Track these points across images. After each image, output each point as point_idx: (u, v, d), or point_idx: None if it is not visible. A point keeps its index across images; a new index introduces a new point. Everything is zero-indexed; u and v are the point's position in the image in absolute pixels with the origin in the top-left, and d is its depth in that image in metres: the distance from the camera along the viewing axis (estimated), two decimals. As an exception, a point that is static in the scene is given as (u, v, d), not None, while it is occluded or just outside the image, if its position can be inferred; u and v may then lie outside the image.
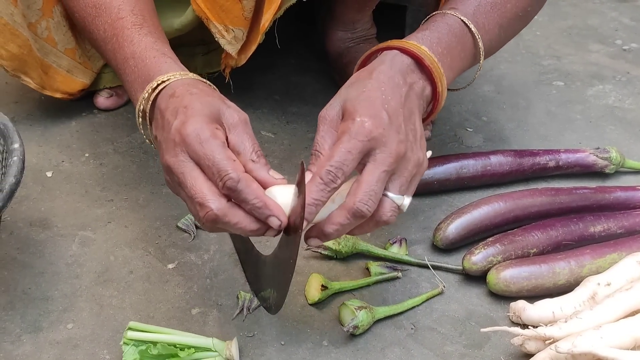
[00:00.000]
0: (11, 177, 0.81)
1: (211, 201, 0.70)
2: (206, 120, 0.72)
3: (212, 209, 0.70)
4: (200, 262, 0.97)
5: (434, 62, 0.82)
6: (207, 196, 0.70)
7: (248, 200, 0.70)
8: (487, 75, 1.38)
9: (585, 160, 1.10)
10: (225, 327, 0.88)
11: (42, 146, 1.16)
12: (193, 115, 0.72)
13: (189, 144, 0.71)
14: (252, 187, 0.71)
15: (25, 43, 1.09)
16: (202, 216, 0.71)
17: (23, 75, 1.13)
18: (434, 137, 1.20)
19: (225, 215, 0.71)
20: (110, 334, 0.87)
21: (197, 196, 0.71)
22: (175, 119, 0.73)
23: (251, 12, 1.00)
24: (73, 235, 1.00)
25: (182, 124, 0.72)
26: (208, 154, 0.70)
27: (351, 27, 1.24)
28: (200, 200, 0.71)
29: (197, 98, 0.75)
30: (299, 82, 1.33)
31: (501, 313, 0.91)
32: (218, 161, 0.70)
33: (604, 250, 0.92)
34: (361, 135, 0.73)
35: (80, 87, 1.20)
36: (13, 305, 0.90)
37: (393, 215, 0.77)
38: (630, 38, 1.52)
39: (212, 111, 0.74)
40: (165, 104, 0.76)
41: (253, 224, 0.72)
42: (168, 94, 0.77)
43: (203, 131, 0.71)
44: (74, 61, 1.17)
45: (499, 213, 0.99)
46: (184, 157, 0.72)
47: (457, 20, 0.87)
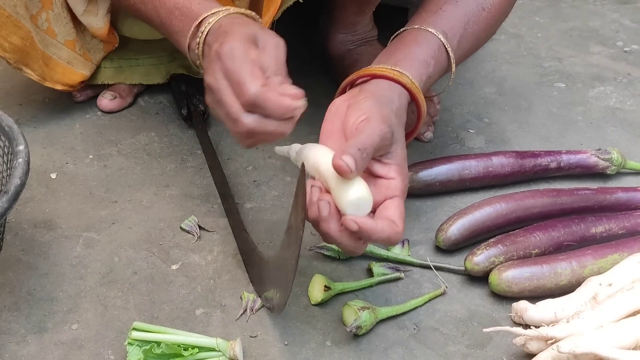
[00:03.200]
0: (16, 178, 0.81)
1: (244, 116, 0.74)
2: (242, 39, 0.77)
3: (245, 123, 0.74)
4: (204, 263, 0.97)
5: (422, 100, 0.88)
6: (239, 111, 0.74)
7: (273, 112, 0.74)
8: (489, 77, 1.38)
9: (587, 162, 1.10)
10: (229, 328, 0.88)
11: (46, 148, 1.16)
12: (231, 36, 0.78)
13: (223, 60, 0.76)
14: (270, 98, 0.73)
15: (27, 35, 1.09)
16: (238, 131, 0.75)
17: (25, 67, 1.13)
18: (435, 139, 1.20)
19: (260, 126, 0.74)
20: (115, 335, 0.87)
21: (232, 112, 0.75)
22: (216, 42, 0.79)
23: None
24: (77, 236, 1.01)
25: (220, 44, 0.77)
26: (235, 70, 0.75)
27: (352, 29, 1.25)
28: (234, 116, 0.75)
29: (238, 25, 0.80)
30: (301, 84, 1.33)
31: (503, 313, 0.91)
32: (241, 77, 0.74)
33: (606, 250, 0.93)
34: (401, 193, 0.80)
35: (80, 78, 1.19)
36: (18, 306, 0.90)
37: None
38: (631, 39, 1.52)
39: (248, 32, 0.79)
40: (213, 37, 0.82)
41: (287, 125, 0.75)
42: (215, 28, 0.82)
43: (237, 49, 0.76)
44: (74, 53, 1.17)
45: (500, 214, 0.99)
46: (219, 76, 0.77)
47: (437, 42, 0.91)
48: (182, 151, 1.17)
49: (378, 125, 0.77)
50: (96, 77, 1.23)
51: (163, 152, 1.16)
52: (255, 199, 1.08)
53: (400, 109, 0.84)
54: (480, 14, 0.95)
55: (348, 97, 0.85)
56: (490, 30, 1.00)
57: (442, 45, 0.91)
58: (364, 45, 1.26)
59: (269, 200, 1.07)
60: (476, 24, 0.95)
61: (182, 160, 1.15)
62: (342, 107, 0.83)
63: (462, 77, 1.36)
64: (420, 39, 0.91)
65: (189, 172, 1.12)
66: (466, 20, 0.94)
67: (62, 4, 1.12)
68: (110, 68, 1.24)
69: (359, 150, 0.74)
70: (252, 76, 0.74)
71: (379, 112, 0.79)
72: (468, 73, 1.38)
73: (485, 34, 0.99)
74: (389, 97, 0.83)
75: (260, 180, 1.11)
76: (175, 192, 1.09)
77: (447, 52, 0.91)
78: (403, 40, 0.92)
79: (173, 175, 1.12)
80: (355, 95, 0.84)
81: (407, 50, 0.90)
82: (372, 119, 0.78)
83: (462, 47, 0.95)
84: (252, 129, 0.74)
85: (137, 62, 1.24)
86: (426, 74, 0.89)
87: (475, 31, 0.95)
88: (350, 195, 0.73)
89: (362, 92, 0.84)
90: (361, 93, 0.83)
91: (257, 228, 1.02)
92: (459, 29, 0.93)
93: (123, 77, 1.24)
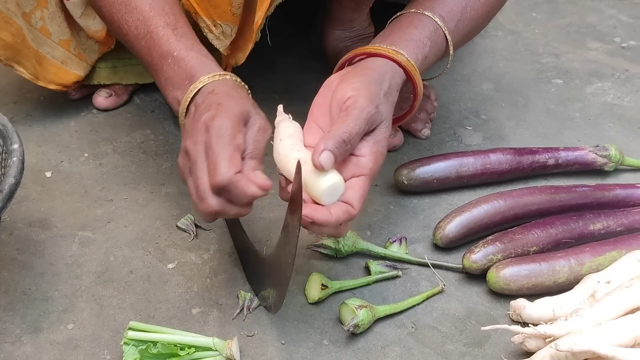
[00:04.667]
0: (10, 177, 0.81)
1: (211, 197, 0.75)
2: (234, 119, 0.77)
3: (211, 205, 0.75)
4: (200, 262, 0.97)
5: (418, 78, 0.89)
6: (208, 191, 0.75)
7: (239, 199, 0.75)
8: (486, 74, 1.38)
9: (585, 158, 1.10)
10: (226, 327, 0.88)
11: (41, 146, 1.16)
12: (225, 111, 0.78)
13: (209, 135, 0.76)
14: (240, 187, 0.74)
15: (19, 32, 1.08)
16: (202, 209, 0.76)
17: (16, 64, 1.12)
18: (433, 136, 1.20)
19: (224, 210, 0.76)
20: (111, 334, 0.87)
21: (200, 189, 0.76)
22: (207, 112, 0.78)
23: (239, 8, 1.00)
24: (73, 235, 1.00)
25: (211, 117, 0.77)
26: (216, 149, 0.75)
27: (349, 25, 1.24)
28: (202, 194, 0.76)
29: (233, 99, 0.80)
30: (298, 81, 1.33)
31: (501, 311, 0.91)
32: (218, 159, 0.74)
33: (604, 248, 0.92)
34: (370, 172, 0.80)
35: (74, 79, 1.19)
36: (13, 306, 0.90)
37: None
38: (629, 35, 1.52)
39: (242, 112, 0.79)
40: (203, 99, 0.82)
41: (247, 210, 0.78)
42: (208, 90, 0.82)
43: (226, 129, 0.76)
44: (68, 52, 1.16)
45: (498, 211, 0.99)
46: (200, 147, 0.77)
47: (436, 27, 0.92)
48: (178, 149, 1.15)
49: (366, 107, 0.78)
50: (91, 78, 1.23)
51: (159, 150, 1.16)
52: (251, 197, 1.07)
53: (392, 87, 0.85)
54: None
55: (342, 72, 0.86)
56: (487, 15, 1.01)
57: (439, 27, 0.92)
58: (361, 41, 1.25)
59: (266, 198, 1.07)
60: (473, 9, 0.96)
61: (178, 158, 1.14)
62: (335, 81, 0.85)
63: (459, 74, 1.36)
64: (416, 21, 0.92)
65: (185, 170, 1.12)
66: (463, 4, 0.95)
67: (56, 3, 1.11)
68: (105, 68, 1.23)
69: (344, 143, 0.76)
70: (230, 161, 0.75)
71: (366, 89, 0.80)
72: (465, 69, 1.37)
73: (482, 20, 1.00)
74: (381, 74, 0.84)
75: (257, 178, 1.10)
76: (171, 190, 1.08)
77: (444, 34, 0.92)
78: (400, 23, 0.93)
79: (169, 174, 1.11)
80: (349, 71, 0.85)
81: (403, 32, 0.91)
82: (359, 98, 0.79)
83: (460, 31, 0.95)
84: (217, 211, 0.76)
85: (132, 62, 1.24)
86: (422, 54, 0.90)
87: (473, 16, 0.96)
88: (322, 184, 0.76)
89: (355, 69, 0.85)
90: (354, 69, 0.85)
91: (253, 226, 1.02)
92: (457, 13, 0.94)
93: (118, 78, 1.24)
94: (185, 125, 0.83)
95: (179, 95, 0.85)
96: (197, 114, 0.80)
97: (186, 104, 0.84)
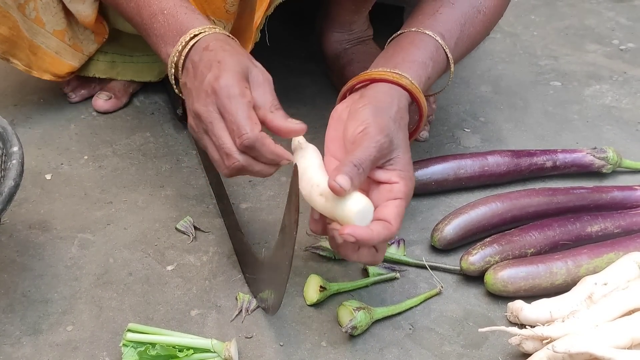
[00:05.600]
0: (10, 180, 0.81)
1: (237, 153, 0.78)
2: (237, 77, 0.79)
3: (238, 160, 0.78)
4: (199, 264, 0.97)
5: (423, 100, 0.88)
6: (233, 148, 0.78)
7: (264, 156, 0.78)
8: (485, 76, 1.38)
9: (583, 160, 1.10)
10: (224, 329, 0.88)
11: (41, 149, 1.16)
12: (226, 70, 0.79)
13: (219, 97, 0.78)
14: (266, 144, 0.77)
15: (15, 25, 1.09)
16: (228, 164, 0.79)
17: (12, 57, 1.13)
18: (431, 138, 1.20)
19: (250, 165, 0.79)
20: (110, 336, 0.87)
21: (225, 147, 0.78)
22: (209, 72, 0.79)
23: (233, 5, 1.00)
24: (72, 237, 1.00)
25: (215, 77, 0.78)
26: (233, 110, 0.77)
27: (347, 28, 1.25)
28: (228, 151, 0.78)
29: (230, 54, 0.81)
30: (297, 83, 1.33)
31: (499, 313, 0.91)
32: (240, 119, 0.77)
33: (601, 250, 0.93)
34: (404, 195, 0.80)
35: (68, 69, 1.18)
36: (13, 307, 0.90)
37: None
38: (627, 38, 1.52)
39: (242, 68, 0.80)
40: (199, 56, 0.82)
41: (271, 169, 0.80)
42: (201, 46, 0.83)
43: (233, 87, 0.78)
44: (63, 43, 1.16)
45: (496, 213, 0.99)
46: (213, 108, 0.78)
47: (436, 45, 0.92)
48: (177, 151, 1.16)
49: (375, 137, 0.78)
50: (88, 69, 1.23)
51: (158, 153, 1.16)
52: (250, 200, 1.07)
53: (400, 111, 0.84)
54: (476, 16, 0.96)
55: (349, 102, 0.86)
56: (485, 31, 1.01)
57: (440, 46, 0.92)
58: (360, 44, 1.26)
59: (265, 201, 1.07)
60: (472, 26, 0.96)
61: (177, 160, 1.15)
62: (344, 113, 0.85)
63: (457, 76, 1.36)
64: (417, 41, 0.91)
65: (185, 173, 1.12)
66: (462, 22, 0.95)
67: None
68: (103, 61, 1.23)
69: (355, 167, 0.76)
70: (250, 120, 0.77)
71: (376, 121, 0.80)
72: (464, 72, 1.38)
73: (481, 36, 1.01)
74: (388, 102, 0.84)
75: (256, 181, 1.10)
76: (171, 192, 1.08)
77: (445, 53, 0.92)
78: (401, 43, 0.92)
79: (168, 176, 1.11)
80: (356, 101, 0.84)
81: (405, 53, 0.90)
82: (369, 129, 0.79)
83: (459, 48, 0.95)
84: (243, 167, 0.79)
85: (132, 58, 1.24)
86: (425, 75, 0.90)
87: (471, 33, 0.96)
88: (352, 209, 0.75)
89: (362, 99, 0.84)
90: (361, 100, 0.84)
91: (252, 228, 1.02)
92: (456, 31, 0.94)
93: (115, 73, 1.24)
94: (188, 85, 0.83)
95: (170, 50, 0.86)
96: (198, 74, 0.81)
97: (178, 59, 0.84)
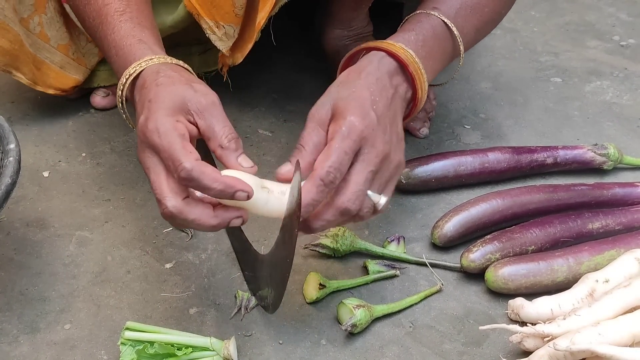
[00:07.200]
0: (7, 177, 0.81)
1: (167, 198, 0.71)
2: (167, 113, 0.73)
3: (167, 206, 0.71)
4: (197, 262, 0.96)
5: (418, 69, 0.85)
6: (164, 192, 0.71)
7: (209, 186, 0.70)
8: (485, 72, 1.37)
9: (583, 157, 1.10)
10: (223, 327, 0.88)
11: (38, 146, 1.16)
12: (155, 110, 0.73)
13: (149, 139, 0.72)
14: (206, 172, 0.70)
15: (16, 38, 1.09)
16: (161, 212, 0.72)
17: (14, 70, 1.12)
18: (431, 135, 1.20)
19: (181, 213, 0.71)
20: (108, 334, 0.86)
21: (156, 192, 0.72)
22: (142, 115, 0.75)
23: (242, 9, 0.99)
24: (70, 235, 1.00)
25: (145, 120, 0.73)
26: (165, 146, 0.71)
27: (347, 25, 1.24)
28: (158, 197, 0.72)
29: (163, 89, 0.75)
30: (297, 80, 1.33)
31: (499, 311, 0.90)
32: (172, 152, 0.70)
33: (602, 247, 0.92)
34: (354, 134, 0.76)
35: (73, 83, 1.19)
36: (10, 306, 0.90)
37: (369, 213, 0.79)
38: (628, 34, 1.52)
39: (175, 102, 0.74)
40: (138, 96, 0.78)
41: (212, 219, 0.73)
42: (140, 84, 0.78)
43: (163, 124, 0.72)
44: (67, 57, 1.16)
45: (497, 210, 0.99)
46: (149, 153, 0.73)
47: (440, 23, 0.90)
48: (176, 148, 1.16)
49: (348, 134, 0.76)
50: (92, 81, 1.23)
51: (157, 150, 1.15)
52: (249, 197, 1.07)
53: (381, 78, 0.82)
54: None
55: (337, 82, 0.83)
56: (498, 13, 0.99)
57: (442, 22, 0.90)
58: (360, 40, 1.25)
59: (264, 198, 1.07)
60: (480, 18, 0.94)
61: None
62: None
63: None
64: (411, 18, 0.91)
65: (183, 170, 1.12)
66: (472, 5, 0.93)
67: (55, 8, 1.11)
68: (104, 71, 1.23)
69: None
70: (185, 149, 0.71)
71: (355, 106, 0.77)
72: (464, 68, 1.37)
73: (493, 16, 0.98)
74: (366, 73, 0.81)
75: (255, 178, 1.10)
76: (169, 189, 1.08)
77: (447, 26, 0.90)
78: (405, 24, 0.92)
79: (167, 173, 1.11)
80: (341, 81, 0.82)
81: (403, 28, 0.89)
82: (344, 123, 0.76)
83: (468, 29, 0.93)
84: (172, 214, 0.71)
85: None
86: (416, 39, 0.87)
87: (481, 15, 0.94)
88: None
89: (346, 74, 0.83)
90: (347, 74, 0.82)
91: (251, 226, 1.01)
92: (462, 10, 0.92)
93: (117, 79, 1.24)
94: None
95: None
96: (137, 117, 0.76)
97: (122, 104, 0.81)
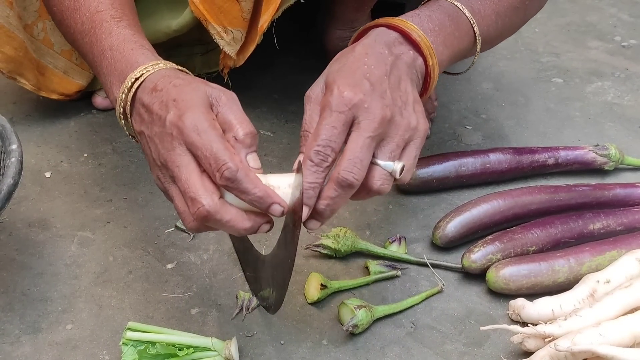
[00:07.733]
0: (9, 178, 0.81)
1: (203, 197, 0.68)
2: (203, 110, 0.71)
3: (203, 204, 0.68)
4: (199, 262, 0.97)
5: (421, 35, 0.81)
6: (199, 191, 0.68)
7: (248, 190, 0.68)
8: (486, 73, 1.37)
9: (585, 158, 1.10)
10: (225, 327, 0.88)
11: (40, 147, 1.16)
12: (188, 107, 0.71)
13: (188, 136, 0.69)
14: (250, 176, 0.69)
15: (21, 45, 1.09)
16: (193, 212, 0.69)
17: (19, 77, 1.13)
18: (433, 135, 1.20)
19: (217, 212, 0.68)
20: (110, 335, 0.87)
21: (190, 190, 0.69)
22: (168, 113, 0.71)
23: (249, 13, 0.99)
24: (72, 235, 1.00)
25: (177, 116, 0.70)
26: (206, 144, 0.68)
27: (350, 25, 1.24)
28: (192, 195, 0.68)
29: (182, 89, 0.73)
30: (298, 81, 1.33)
31: (501, 311, 0.91)
32: (216, 151, 0.68)
33: (603, 247, 0.92)
34: (341, 105, 0.72)
35: (76, 88, 1.20)
36: (12, 306, 0.90)
37: (384, 184, 0.74)
38: (629, 34, 1.52)
39: (202, 99, 0.72)
40: (149, 99, 0.74)
41: (246, 222, 0.70)
42: (149, 87, 0.75)
43: (201, 122, 0.69)
44: (71, 62, 1.17)
45: (498, 211, 0.99)
46: (181, 150, 0.70)
47: (449, 4, 0.88)
48: (177, 149, 1.16)
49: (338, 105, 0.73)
50: (94, 84, 1.24)
51: (158, 150, 1.15)
52: (251, 197, 1.07)
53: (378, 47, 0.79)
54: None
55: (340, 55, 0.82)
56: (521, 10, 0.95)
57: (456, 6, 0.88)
58: (362, 41, 1.25)
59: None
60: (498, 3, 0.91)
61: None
62: None
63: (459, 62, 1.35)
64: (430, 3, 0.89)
65: (185, 170, 1.12)
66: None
67: None
68: None
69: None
70: (229, 151, 0.69)
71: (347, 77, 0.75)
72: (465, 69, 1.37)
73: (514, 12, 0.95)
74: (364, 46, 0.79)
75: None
76: (171, 190, 1.08)
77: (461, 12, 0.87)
78: None
79: (168, 174, 1.11)
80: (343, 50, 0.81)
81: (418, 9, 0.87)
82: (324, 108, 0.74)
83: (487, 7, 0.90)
84: (209, 213, 0.68)
85: None
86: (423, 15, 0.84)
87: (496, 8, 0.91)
88: None
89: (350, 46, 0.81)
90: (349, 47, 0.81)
91: (253, 226, 1.01)
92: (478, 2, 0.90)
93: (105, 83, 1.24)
94: (145, 132, 0.75)
95: (117, 93, 0.78)
96: (155, 118, 0.73)
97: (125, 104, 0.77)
